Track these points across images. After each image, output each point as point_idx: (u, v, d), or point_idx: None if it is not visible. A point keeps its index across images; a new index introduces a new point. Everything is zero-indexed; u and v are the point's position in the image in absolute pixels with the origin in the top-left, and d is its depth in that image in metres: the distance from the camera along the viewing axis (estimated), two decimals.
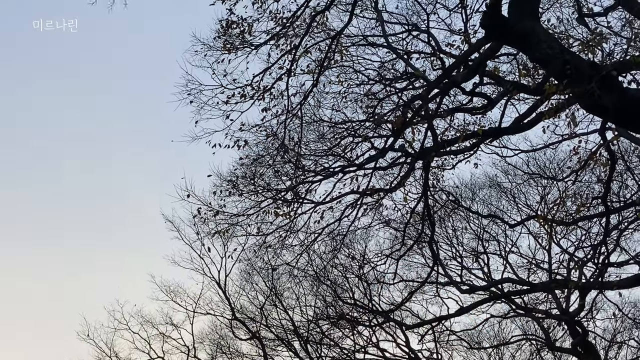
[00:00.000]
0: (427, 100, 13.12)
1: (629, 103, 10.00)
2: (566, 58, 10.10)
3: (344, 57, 19.28)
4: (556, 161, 25.59)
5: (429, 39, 19.30)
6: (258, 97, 16.78)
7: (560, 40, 15.05)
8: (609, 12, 17.39)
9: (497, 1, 10.70)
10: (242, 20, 16.85)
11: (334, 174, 16.61)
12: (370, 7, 19.97)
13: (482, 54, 13.05)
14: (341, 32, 16.91)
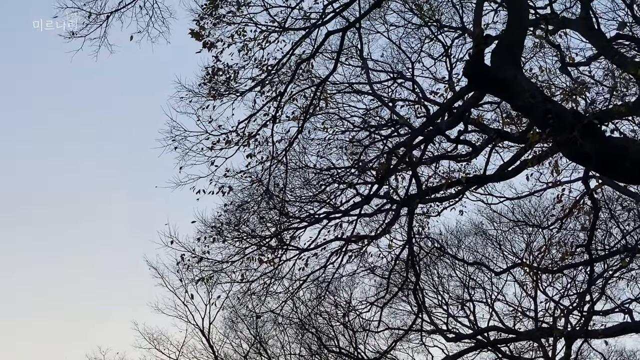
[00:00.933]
0: (411, 147, 13.15)
1: (611, 151, 10.05)
2: (548, 107, 10.15)
3: (329, 104, 19.40)
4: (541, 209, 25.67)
5: (413, 86, 19.47)
6: (243, 143, 16.78)
7: (543, 89, 15.23)
8: (592, 61, 17.63)
9: (479, 50, 10.78)
10: (228, 68, 16.93)
11: (318, 220, 16.57)
12: (356, 55, 20.16)
13: (466, 102, 13.13)
14: (326, 79, 17.02)
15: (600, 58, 17.01)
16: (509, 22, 12.02)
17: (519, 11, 11.88)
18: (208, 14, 16.58)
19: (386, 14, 20.85)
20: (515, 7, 11.94)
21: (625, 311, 22.94)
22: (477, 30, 11.15)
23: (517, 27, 11.64)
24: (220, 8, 16.64)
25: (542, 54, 18.73)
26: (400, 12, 20.66)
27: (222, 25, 16.74)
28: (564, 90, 15.91)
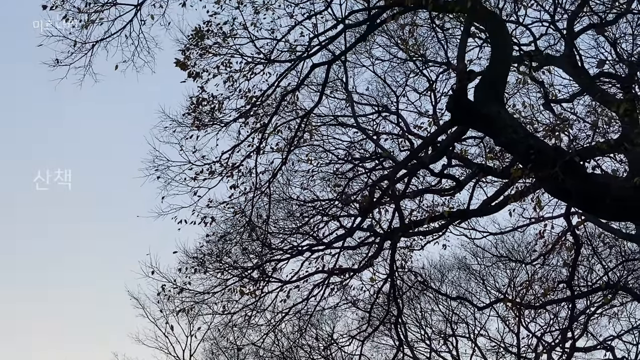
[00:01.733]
0: (395, 180, 13.16)
1: (593, 188, 10.08)
2: (531, 143, 10.18)
3: (313, 136, 19.44)
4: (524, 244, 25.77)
5: (398, 120, 19.56)
6: (226, 174, 16.73)
7: (526, 125, 15.33)
8: (575, 98, 17.78)
9: (463, 85, 10.83)
10: (212, 98, 16.92)
11: (301, 252, 16.51)
12: (341, 88, 20.26)
13: (450, 137, 13.19)
14: (311, 111, 17.05)
15: (583, 95, 17.15)
16: (492, 58, 12.10)
17: (502, 47, 11.96)
18: (194, 45, 16.61)
19: (372, 47, 21.04)
20: (499, 44, 12.02)
21: (607, 348, 22.97)
22: (460, 65, 11.21)
23: (501, 63, 11.71)
24: (206, 39, 16.69)
25: (526, 90, 18.93)
26: (385, 46, 20.87)
27: (208, 55, 16.76)
28: (547, 127, 15.99)
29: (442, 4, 13.63)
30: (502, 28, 12.64)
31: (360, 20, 16.13)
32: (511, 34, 15.86)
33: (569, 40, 16.41)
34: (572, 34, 16.59)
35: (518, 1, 17.87)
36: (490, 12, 13.87)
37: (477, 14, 12.26)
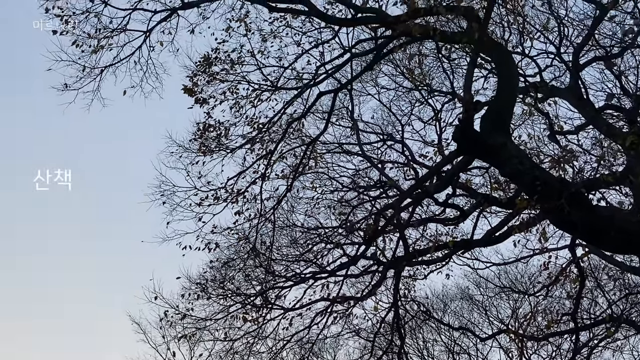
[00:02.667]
0: (399, 209, 13.19)
1: (598, 221, 10.10)
2: (536, 174, 10.23)
3: (318, 164, 19.49)
4: (527, 275, 25.67)
5: (403, 149, 19.59)
6: (231, 200, 16.78)
7: (531, 156, 15.36)
8: (580, 130, 17.81)
9: (469, 116, 10.89)
10: (219, 124, 17.02)
11: (304, 280, 16.49)
12: (347, 115, 20.32)
13: (455, 166, 13.20)
14: (317, 139, 17.12)
15: (589, 127, 17.19)
16: (498, 89, 12.18)
17: (508, 79, 12.05)
18: (201, 71, 16.73)
19: (378, 76, 21.13)
20: (505, 75, 12.12)
21: None
22: (467, 96, 11.28)
23: (506, 94, 11.80)
24: (213, 66, 16.80)
25: (531, 122, 18.98)
26: (391, 75, 20.96)
27: (215, 82, 16.88)
28: (552, 158, 16.03)
29: (449, 34, 13.76)
30: (508, 59, 12.75)
31: (367, 50, 16.26)
32: (517, 65, 15.96)
33: (575, 72, 16.48)
34: (577, 66, 16.66)
35: (524, 33, 17.98)
36: (496, 43, 13.98)
37: (484, 45, 12.35)
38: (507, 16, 17.98)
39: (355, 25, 15.81)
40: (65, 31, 15.36)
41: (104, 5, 15.39)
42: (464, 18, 14.10)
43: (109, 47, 15.68)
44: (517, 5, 17.30)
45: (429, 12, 13.12)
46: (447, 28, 16.84)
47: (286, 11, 15.60)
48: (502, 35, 18.47)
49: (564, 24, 18.05)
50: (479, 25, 12.06)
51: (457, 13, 13.37)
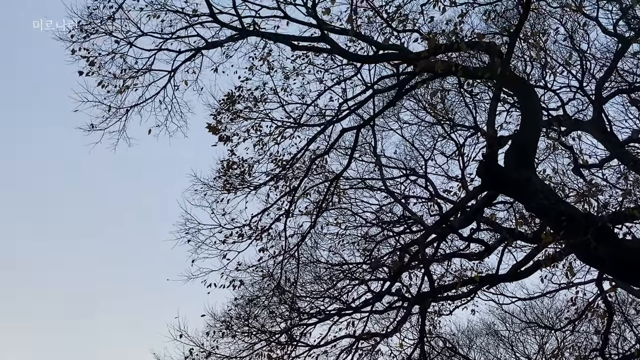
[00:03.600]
0: (424, 245, 13.16)
1: (625, 255, 9.99)
2: (562, 209, 10.17)
3: (342, 200, 19.49)
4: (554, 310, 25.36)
5: (426, 183, 19.58)
6: (256, 237, 16.83)
7: (556, 190, 15.29)
8: (604, 163, 17.73)
9: (493, 151, 10.88)
10: (243, 162, 17.13)
11: (329, 316, 16.41)
12: (369, 151, 20.36)
13: (479, 202, 13.18)
14: (340, 175, 17.17)
15: (613, 160, 17.12)
16: (522, 124, 12.17)
17: (532, 113, 12.05)
18: (225, 109, 16.87)
19: (400, 111, 21.19)
20: (529, 110, 12.13)
21: None
22: (490, 131, 11.28)
23: (530, 129, 11.79)
24: (237, 103, 16.95)
25: (555, 156, 18.90)
26: (413, 110, 21.02)
27: (239, 120, 17.02)
28: (578, 192, 15.96)
29: (471, 70, 13.79)
30: (531, 94, 12.76)
31: (389, 86, 16.30)
32: (540, 99, 15.96)
33: (598, 106, 16.48)
34: (600, 99, 16.65)
35: (546, 67, 18.01)
36: (519, 78, 14.01)
37: (506, 80, 12.38)
38: (529, 51, 18.03)
39: (377, 62, 15.91)
40: (91, 72, 15.61)
41: (130, 46, 15.69)
42: (485, 53, 14.16)
43: (134, 87, 15.92)
44: (539, 40, 17.33)
45: (450, 48, 13.20)
46: (469, 63, 16.92)
47: (308, 49, 15.77)
48: (524, 70, 18.51)
49: (586, 57, 18.09)
50: (501, 60, 12.10)
51: (478, 49, 13.44)
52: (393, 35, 14.65)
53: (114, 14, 15.58)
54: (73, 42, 15.57)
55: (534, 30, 17.82)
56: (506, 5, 17.01)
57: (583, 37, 18.64)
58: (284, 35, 15.44)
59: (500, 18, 17.04)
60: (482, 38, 13.19)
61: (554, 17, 18.57)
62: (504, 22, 17.03)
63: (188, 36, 15.98)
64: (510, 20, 17.01)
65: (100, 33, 15.69)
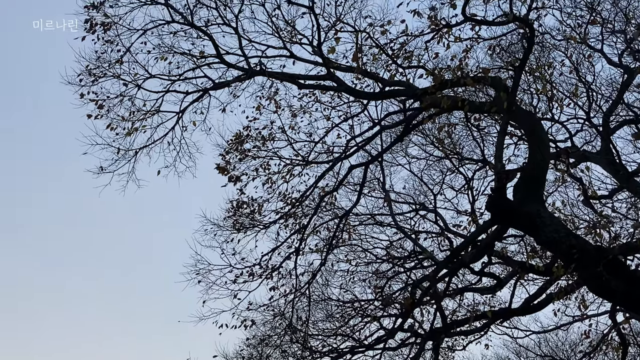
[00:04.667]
0: (435, 280, 13.09)
1: (637, 287, 9.95)
2: (572, 242, 10.16)
3: (352, 236, 19.47)
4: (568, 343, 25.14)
5: (436, 218, 19.55)
6: (266, 276, 16.78)
7: (566, 222, 15.25)
8: (614, 194, 17.69)
9: (502, 185, 10.90)
10: (252, 201, 17.16)
11: (342, 354, 16.29)
12: (378, 187, 20.36)
13: (490, 236, 13.13)
14: (349, 212, 17.14)
15: (623, 191, 17.08)
16: (530, 158, 12.18)
17: (539, 146, 12.06)
18: (234, 149, 16.94)
19: (407, 147, 21.23)
20: (536, 143, 12.13)
21: None
22: (498, 165, 11.31)
23: (538, 162, 11.79)
24: (245, 143, 17.03)
25: (565, 187, 18.88)
26: (421, 145, 21.05)
27: (247, 159, 17.08)
28: (588, 224, 15.92)
29: (478, 104, 13.85)
30: (538, 127, 12.79)
31: (396, 122, 16.35)
32: (547, 132, 15.99)
33: (605, 137, 16.48)
34: (608, 130, 16.66)
35: (552, 99, 18.05)
36: (525, 111, 14.06)
37: (513, 114, 12.41)
38: (535, 83, 18.09)
39: (384, 99, 15.98)
40: (100, 115, 15.74)
41: (138, 88, 15.84)
42: (491, 87, 14.22)
43: (142, 129, 16.02)
44: (545, 73, 17.40)
45: (456, 83, 13.26)
46: (475, 97, 16.99)
47: (315, 87, 15.87)
48: (531, 102, 18.56)
49: (592, 89, 18.13)
50: (507, 94, 12.15)
51: (484, 83, 13.49)
52: (398, 72, 14.74)
53: (122, 57, 15.77)
54: (82, 86, 15.75)
55: (539, 63, 17.92)
56: (510, 40, 17.12)
57: (588, 68, 18.73)
58: (290, 74, 15.58)
59: (504, 52, 17.15)
60: (488, 72, 13.24)
61: (558, 49, 18.69)
62: (509, 56, 17.13)
63: (195, 77, 16.15)
64: (515, 54, 17.11)
65: (108, 76, 15.88)
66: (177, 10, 15.74)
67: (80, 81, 15.73)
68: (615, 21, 18.08)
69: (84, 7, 15.53)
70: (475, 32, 14.03)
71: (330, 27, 15.72)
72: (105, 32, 15.63)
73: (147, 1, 15.64)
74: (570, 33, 17.97)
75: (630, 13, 17.66)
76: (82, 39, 15.49)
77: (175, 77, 16.03)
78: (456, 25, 13.36)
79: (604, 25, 17.94)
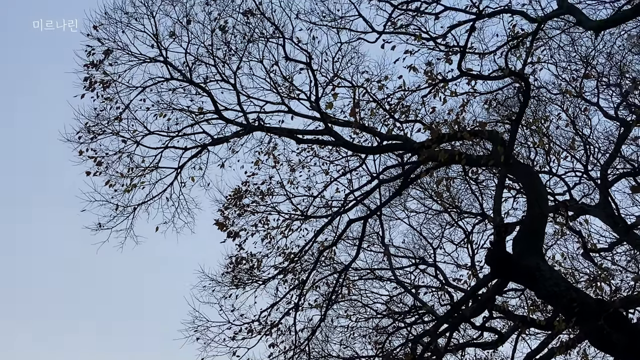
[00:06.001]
0: (436, 336, 13.00)
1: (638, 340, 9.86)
2: (573, 295, 10.11)
3: (351, 291, 19.34)
4: None
5: (436, 272, 19.46)
6: (265, 332, 16.60)
7: (566, 275, 15.19)
8: (614, 247, 17.65)
9: (501, 239, 10.88)
10: (251, 256, 17.07)
11: None
12: (377, 241, 20.31)
13: (490, 290, 13.06)
14: (349, 266, 17.07)
15: (622, 244, 17.04)
16: (528, 211, 12.18)
17: (538, 200, 12.08)
18: (232, 205, 16.94)
19: (406, 200, 21.24)
20: (534, 197, 12.15)
21: None
22: (497, 218, 11.31)
23: (537, 216, 11.80)
24: (244, 198, 17.03)
25: (564, 240, 18.84)
26: (420, 198, 21.07)
27: (246, 214, 17.06)
28: (588, 278, 15.86)
29: (475, 158, 13.91)
30: (536, 180, 12.83)
31: (394, 175, 16.37)
32: (545, 185, 16.02)
33: (603, 190, 16.51)
34: (606, 183, 16.70)
35: (550, 152, 18.12)
36: (523, 165, 14.10)
37: (511, 167, 12.45)
38: (532, 137, 18.19)
39: (382, 153, 16.03)
40: (98, 172, 15.78)
41: (137, 145, 15.90)
42: (488, 141, 14.30)
43: (141, 185, 16.04)
44: (542, 126, 17.52)
45: (453, 137, 13.34)
46: (472, 151, 17.06)
47: (313, 142, 15.96)
48: (528, 156, 18.64)
49: (590, 142, 18.23)
50: (504, 147, 12.21)
51: (481, 137, 13.57)
52: (396, 126, 14.83)
53: (121, 114, 15.87)
54: (80, 144, 15.82)
55: (535, 116, 18.05)
56: (506, 94, 17.28)
57: (585, 122, 18.86)
58: (288, 129, 15.69)
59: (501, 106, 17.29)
60: (485, 126, 13.35)
61: (554, 103, 18.85)
62: (505, 109, 17.27)
63: (194, 133, 16.23)
64: (511, 107, 17.25)
65: (107, 133, 15.95)
66: (176, 67, 15.91)
67: (79, 139, 15.82)
68: (610, 75, 18.27)
69: (84, 65, 15.69)
70: (471, 87, 14.22)
71: (327, 83, 15.87)
72: (104, 90, 15.77)
73: (146, 59, 15.83)
74: (566, 87, 18.14)
75: (625, 67, 17.85)
76: (81, 97, 15.62)
77: (174, 133, 16.11)
78: (452, 80, 13.52)
79: (599, 79, 18.12)
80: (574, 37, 17.80)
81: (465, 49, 12.91)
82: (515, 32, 14.60)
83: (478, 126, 13.76)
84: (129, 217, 16.16)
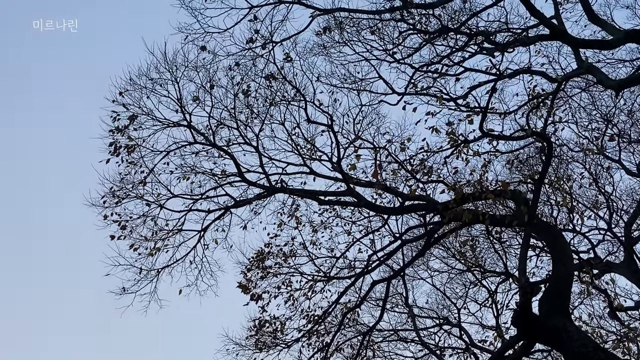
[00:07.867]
0: None
1: None
2: (601, 356, 9.94)
3: (376, 353, 19.15)
4: None
5: (461, 333, 19.27)
6: None
7: (593, 335, 14.98)
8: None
9: (527, 299, 10.77)
10: (274, 319, 16.99)
11: None
12: (401, 302, 20.17)
13: (517, 351, 12.89)
14: (373, 328, 16.92)
15: None
16: (554, 270, 12.08)
17: (562, 259, 11.98)
18: (255, 266, 16.93)
19: (429, 260, 21.14)
20: (559, 256, 12.06)
21: None
22: (522, 279, 11.22)
23: (562, 275, 11.68)
24: (267, 260, 17.02)
25: (590, 299, 18.64)
26: (443, 257, 20.97)
27: (269, 276, 17.03)
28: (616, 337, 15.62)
29: (499, 218, 13.85)
30: (560, 239, 12.74)
31: (417, 236, 16.33)
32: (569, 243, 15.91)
33: (628, 247, 16.37)
34: (630, 241, 16.57)
35: (573, 211, 18.05)
36: (546, 224, 14.02)
37: (534, 227, 12.39)
38: (555, 195, 18.14)
39: (404, 213, 16.03)
40: (122, 236, 15.85)
41: (160, 208, 15.98)
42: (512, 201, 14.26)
43: (164, 248, 16.07)
44: (564, 185, 17.49)
45: (476, 197, 13.32)
46: (495, 210, 17.01)
47: (335, 203, 15.99)
48: (551, 214, 18.57)
49: (612, 199, 18.15)
50: (527, 207, 12.18)
51: (504, 197, 13.54)
52: (418, 187, 14.85)
53: (145, 178, 16.02)
54: (105, 208, 15.94)
55: (558, 175, 18.02)
56: (528, 153, 17.30)
57: (607, 179, 18.81)
58: (310, 190, 15.76)
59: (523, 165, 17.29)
60: (507, 186, 13.32)
61: (577, 161, 18.83)
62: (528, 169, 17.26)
63: (217, 196, 16.34)
64: (533, 166, 17.24)
65: (131, 197, 16.08)
66: (199, 131, 16.09)
67: (104, 203, 15.94)
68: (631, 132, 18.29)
69: (109, 131, 15.91)
70: (493, 147, 14.24)
71: (349, 144, 15.97)
72: (129, 154, 15.94)
73: (170, 123, 16.03)
74: (588, 145, 18.15)
75: None
76: (106, 162, 15.80)
77: (197, 196, 16.22)
78: (474, 140, 13.56)
79: (620, 137, 18.12)
80: (594, 96, 17.89)
81: (487, 109, 12.99)
82: (535, 92, 14.69)
83: (501, 186, 13.74)
84: (153, 280, 16.19)
